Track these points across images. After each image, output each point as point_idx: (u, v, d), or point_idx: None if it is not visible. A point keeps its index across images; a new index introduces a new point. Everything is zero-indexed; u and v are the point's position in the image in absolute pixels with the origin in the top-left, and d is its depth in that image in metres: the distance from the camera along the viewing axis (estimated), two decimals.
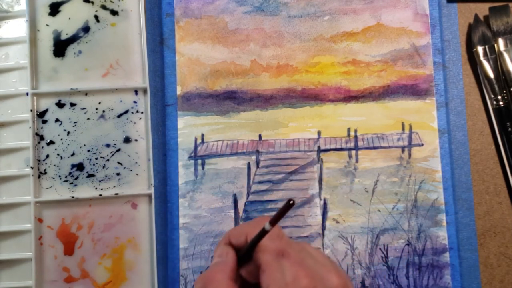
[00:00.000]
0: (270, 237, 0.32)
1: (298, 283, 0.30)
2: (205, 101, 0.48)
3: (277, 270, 0.31)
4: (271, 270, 0.31)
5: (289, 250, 0.32)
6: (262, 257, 0.32)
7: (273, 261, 0.31)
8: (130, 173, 0.47)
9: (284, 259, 0.31)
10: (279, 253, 0.31)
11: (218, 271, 0.32)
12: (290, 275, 0.30)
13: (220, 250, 0.34)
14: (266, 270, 0.31)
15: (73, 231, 0.46)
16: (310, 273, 0.30)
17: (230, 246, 0.34)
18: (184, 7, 0.49)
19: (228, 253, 0.34)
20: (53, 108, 0.47)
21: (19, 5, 0.48)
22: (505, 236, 0.47)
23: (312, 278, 0.30)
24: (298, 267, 0.31)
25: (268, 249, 0.32)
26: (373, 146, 0.48)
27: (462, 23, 0.49)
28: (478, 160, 0.48)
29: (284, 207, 0.30)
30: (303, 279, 0.30)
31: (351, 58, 0.49)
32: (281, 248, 0.32)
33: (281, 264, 0.31)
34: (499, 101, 0.47)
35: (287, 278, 0.30)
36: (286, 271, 0.31)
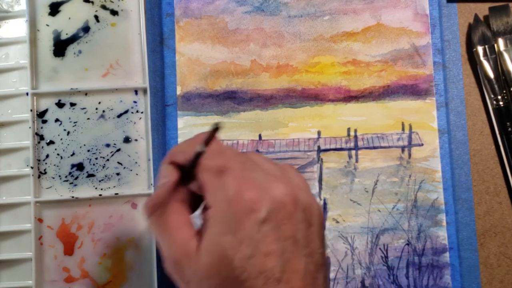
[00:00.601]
0: (209, 155, 0.30)
1: (241, 197, 0.28)
2: (205, 101, 0.48)
3: (218, 187, 0.29)
4: (212, 188, 0.30)
5: (231, 165, 0.30)
6: (202, 176, 0.30)
7: (213, 179, 0.30)
8: (130, 173, 0.47)
9: (225, 174, 0.30)
10: (219, 170, 0.30)
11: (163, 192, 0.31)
12: (232, 189, 0.29)
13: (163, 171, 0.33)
14: (207, 189, 0.30)
15: (73, 231, 0.46)
16: (253, 185, 0.29)
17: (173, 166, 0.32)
18: (184, 7, 0.49)
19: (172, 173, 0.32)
20: (53, 108, 0.47)
21: (19, 5, 0.48)
22: (505, 236, 0.47)
23: (255, 189, 0.29)
24: (241, 180, 0.29)
25: (207, 167, 0.30)
26: (373, 146, 0.48)
27: (462, 23, 0.49)
28: (478, 160, 0.48)
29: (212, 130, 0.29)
30: (246, 192, 0.29)
31: (351, 58, 0.49)
32: (221, 164, 0.30)
33: (223, 180, 0.29)
34: (499, 101, 0.47)
35: (229, 194, 0.29)
36: (228, 187, 0.29)
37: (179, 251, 0.30)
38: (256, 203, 0.28)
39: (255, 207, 0.28)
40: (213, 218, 0.29)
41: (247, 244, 0.28)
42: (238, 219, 0.28)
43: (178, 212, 0.31)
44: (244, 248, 0.28)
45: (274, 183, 0.30)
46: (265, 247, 0.28)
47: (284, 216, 0.29)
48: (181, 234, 0.30)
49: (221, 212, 0.29)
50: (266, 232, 0.28)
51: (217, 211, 0.29)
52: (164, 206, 0.31)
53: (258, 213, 0.28)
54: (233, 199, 0.29)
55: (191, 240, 0.30)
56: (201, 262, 0.29)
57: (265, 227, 0.28)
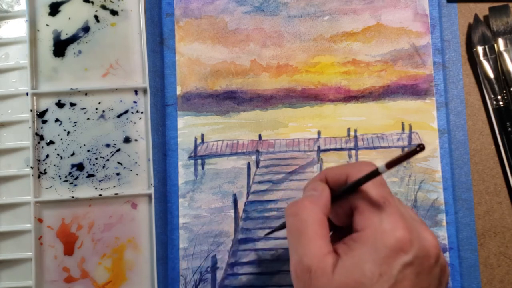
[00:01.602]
0: (373, 183, 0.31)
1: (395, 232, 0.29)
2: (205, 101, 0.48)
3: (376, 215, 0.30)
4: (370, 214, 0.30)
5: (391, 200, 0.31)
6: (363, 199, 0.31)
7: (373, 206, 0.30)
8: (130, 173, 0.47)
9: (385, 207, 0.30)
10: (380, 200, 0.30)
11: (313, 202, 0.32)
12: (388, 223, 0.29)
13: (314, 184, 0.33)
14: (364, 212, 0.30)
15: (73, 231, 0.46)
16: (408, 226, 0.30)
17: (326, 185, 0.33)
18: (184, 7, 0.49)
19: (324, 189, 0.33)
20: (53, 108, 0.47)
21: (19, 5, 0.48)
22: (505, 236, 0.47)
23: (409, 231, 0.29)
24: (398, 217, 0.30)
25: (369, 193, 0.31)
26: (373, 146, 0.48)
27: (462, 23, 0.49)
28: (478, 160, 0.48)
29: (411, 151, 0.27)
30: (401, 230, 0.29)
31: (351, 58, 0.49)
32: (385, 195, 0.31)
33: (381, 210, 0.30)
34: (499, 101, 0.47)
35: (385, 226, 0.29)
36: (385, 218, 0.30)
37: (315, 261, 0.30)
38: (407, 245, 0.29)
39: (405, 248, 0.29)
40: (361, 243, 0.30)
41: (386, 280, 0.28)
42: (386, 253, 0.29)
43: (321, 225, 0.31)
44: (383, 282, 0.28)
45: (425, 231, 0.31)
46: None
47: (426, 267, 0.30)
48: (320, 245, 0.30)
49: (372, 240, 0.29)
50: (406, 275, 0.29)
51: (367, 237, 0.30)
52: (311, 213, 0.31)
53: (406, 254, 0.29)
54: (387, 232, 0.29)
55: (328, 254, 0.30)
56: (336, 280, 0.29)
57: (407, 270, 0.29)
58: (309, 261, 0.30)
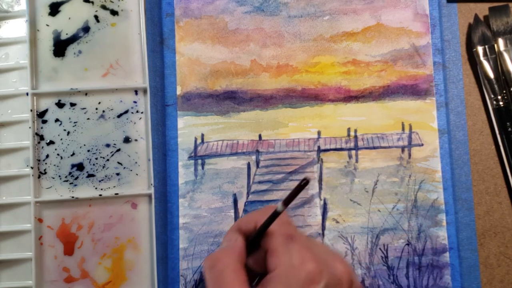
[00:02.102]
0: (279, 223, 0.32)
1: (305, 266, 0.30)
2: (205, 101, 0.48)
3: (285, 253, 0.31)
4: (279, 253, 0.31)
5: (297, 235, 0.32)
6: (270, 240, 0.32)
7: (281, 245, 0.32)
8: (130, 173, 0.47)
9: (292, 243, 0.32)
10: (287, 237, 0.32)
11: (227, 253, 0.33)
12: (297, 258, 0.31)
13: (229, 235, 0.35)
14: (274, 252, 0.32)
15: (73, 231, 0.46)
16: (317, 258, 0.31)
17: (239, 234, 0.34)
18: (184, 7, 0.49)
19: (237, 239, 0.34)
20: (53, 108, 0.47)
21: (19, 5, 0.48)
22: (505, 236, 0.47)
23: (319, 262, 0.31)
24: (306, 251, 0.31)
25: (276, 233, 0.32)
26: (373, 146, 0.48)
27: (462, 23, 0.49)
28: (478, 160, 0.48)
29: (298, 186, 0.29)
30: (310, 262, 0.30)
31: (351, 58, 0.49)
32: (290, 232, 0.32)
33: (289, 248, 0.31)
34: (499, 101, 0.47)
35: (294, 261, 0.31)
36: (293, 255, 0.31)
37: None
38: (317, 275, 0.30)
39: (315, 279, 0.30)
40: (274, 282, 0.31)
41: None
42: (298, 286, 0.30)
43: (238, 273, 0.32)
44: None
45: (335, 261, 0.32)
46: None
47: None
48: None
49: (284, 277, 0.30)
50: None
51: (279, 275, 0.31)
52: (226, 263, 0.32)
53: (317, 285, 0.30)
54: (296, 267, 0.30)
55: None
56: None
57: None
58: None
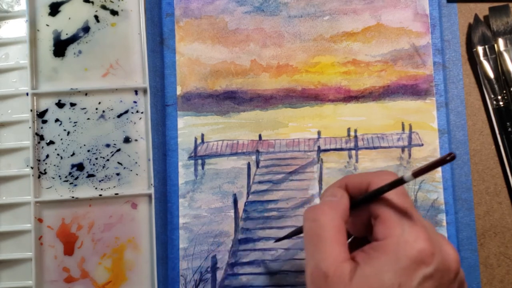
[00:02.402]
0: (396, 193, 0.30)
1: (418, 244, 0.29)
2: (205, 101, 0.48)
3: (398, 225, 0.29)
4: (392, 223, 0.30)
5: (413, 211, 0.30)
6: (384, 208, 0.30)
7: (396, 215, 0.30)
8: (130, 173, 0.47)
9: (408, 217, 0.30)
10: (403, 210, 0.30)
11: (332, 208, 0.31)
12: (411, 234, 0.29)
13: (332, 190, 0.33)
14: (386, 221, 0.30)
15: (73, 231, 0.46)
16: (431, 238, 0.29)
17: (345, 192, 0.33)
18: (184, 7, 0.49)
19: (343, 196, 0.32)
20: (53, 108, 0.47)
21: (19, 5, 0.48)
22: (505, 236, 0.47)
23: (432, 243, 0.29)
24: (421, 229, 0.29)
25: (393, 202, 0.30)
26: (373, 146, 0.48)
27: (462, 23, 0.49)
28: (478, 160, 0.48)
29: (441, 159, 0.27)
30: (424, 241, 0.29)
31: (351, 58, 0.49)
32: (408, 206, 0.30)
33: (403, 221, 0.30)
34: (499, 101, 0.47)
35: (407, 236, 0.29)
36: (407, 229, 0.29)
37: (333, 267, 0.29)
38: (429, 257, 0.29)
39: (427, 260, 0.29)
40: (382, 251, 0.29)
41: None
42: (407, 264, 0.28)
43: (340, 232, 0.31)
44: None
45: (447, 245, 0.30)
46: None
47: (445, 281, 0.30)
48: (338, 251, 0.30)
49: (393, 249, 0.29)
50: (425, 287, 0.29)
51: (388, 246, 0.29)
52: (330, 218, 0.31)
53: (427, 267, 0.29)
54: (409, 243, 0.29)
55: (346, 261, 0.30)
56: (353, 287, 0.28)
57: (427, 283, 0.29)
58: (326, 267, 0.29)
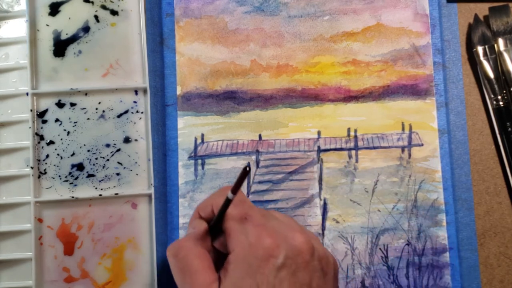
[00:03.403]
0: (233, 204, 0.33)
1: (262, 242, 0.31)
2: (205, 101, 0.48)
3: (241, 233, 0.32)
4: (235, 234, 0.32)
5: (252, 213, 0.33)
6: (227, 223, 0.33)
7: (237, 226, 0.32)
8: (130, 173, 0.47)
9: (247, 222, 0.32)
10: (242, 217, 0.32)
11: (189, 239, 0.34)
12: (253, 236, 0.31)
13: (192, 223, 0.36)
14: (230, 234, 0.32)
15: (73, 231, 0.46)
16: (273, 233, 0.31)
17: (201, 220, 0.35)
18: (184, 7, 0.49)
19: (200, 224, 0.35)
20: (53, 108, 0.47)
21: (19, 5, 0.48)
22: (505, 236, 0.47)
23: (275, 237, 0.31)
24: (261, 228, 0.32)
25: (231, 215, 0.33)
26: (373, 146, 0.48)
27: (462, 23, 0.49)
28: (478, 160, 0.48)
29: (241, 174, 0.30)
30: (266, 238, 0.31)
31: (351, 58, 0.49)
32: (244, 212, 0.33)
33: (245, 227, 0.32)
34: (499, 101, 0.47)
35: (251, 239, 0.31)
36: (249, 233, 0.31)
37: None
38: (275, 250, 0.30)
39: (274, 254, 0.30)
40: (234, 262, 0.31)
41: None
42: (258, 264, 0.30)
43: (201, 258, 0.33)
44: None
45: (292, 232, 0.32)
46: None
47: (301, 264, 0.31)
48: (203, 277, 0.32)
49: (242, 256, 0.31)
50: (282, 278, 0.30)
51: (238, 255, 0.31)
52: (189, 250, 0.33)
53: (276, 259, 0.30)
54: (254, 245, 0.31)
55: (213, 283, 0.32)
56: None
57: (282, 273, 0.30)
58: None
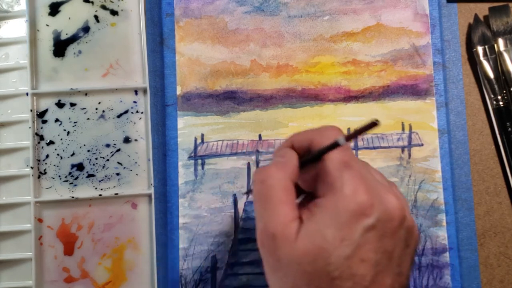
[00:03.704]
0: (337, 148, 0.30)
1: (357, 197, 0.29)
2: (205, 101, 0.48)
3: (337, 180, 0.29)
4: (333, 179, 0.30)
5: (354, 163, 0.30)
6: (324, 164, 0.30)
7: (335, 171, 0.30)
8: (130, 173, 0.47)
9: (347, 170, 0.30)
10: (342, 163, 0.30)
11: (280, 169, 0.31)
12: (350, 187, 0.29)
13: (282, 151, 0.33)
14: (326, 178, 0.30)
15: (73, 231, 0.46)
16: (369, 189, 0.29)
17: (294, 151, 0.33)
18: (184, 7, 0.49)
19: (291, 156, 0.32)
20: (53, 108, 0.47)
21: (19, 5, 0.48)
22: (505, 236, 0.47)
23: (371, 194, 0.29)
24: (359, 181, 0.29)
25: (332, 157, 0.30)
26: (373, 146, 0.48)
27: (462, 23, 0.49)
28: (478, 160, 0.48)
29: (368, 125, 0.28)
30: (362, 194, 0.29)
31: (351, 58, 0.49)
32: (346, 159, 0.30)
33: (343, 175, 0.30)
34: (499, 101, 0.47)
35: (346, 190, 0.29)
36: (346, 183, 0.29)
37: (280, 227, 0.29)
38: (369, 208, 0.29)
39: (367, 212, 0.28)
40: (323, 208, 0.29)
41: (348, 244, 0.28)
42: (347, 218, 0.28)
43: (288, 192, 0.31)
44: (344, 247, 0.28)
45: (388, 194, 0.30)
46: (363, 253, 0.28)
47: (389, 230, 0.29)
48: (285, 212, 0.30)
49: (333, 204, 0.29)
50: (368, 239, 0.28)
51: (329, 202, 0.29)
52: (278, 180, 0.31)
53: (368, 218, 0.28)
54: (348, 197, 0.29)
55: (293, 221, 0.30)
56: (299, 246, 0.28)
57: (370, 234, 0.28)
58: (274, 228, 0.29)
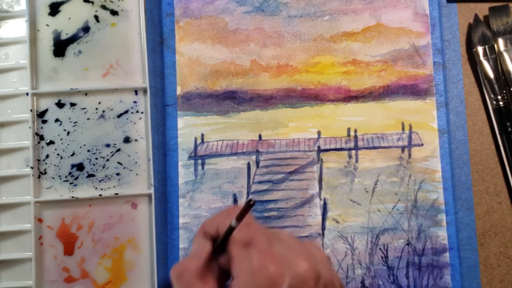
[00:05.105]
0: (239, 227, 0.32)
1: (265, 270, 0.30)
2: (205, 101, 0.48)
3: (245, 259, 0.31)
4: (239, 260, 0.32)
5: (257, 238, 0.32)
6: (230, 248, 0.32)
7: (240, 251, 0.32)
8: (130, 173, 0.47)
9: (252, 247, 0.32)
10: (246, 243, 0.32)
11: (193, 261, 0.33)
12: (256, 262, 0.31)
13: (196, 242, 0.35)
14: (234, 260, 0.32)
15: (73, 231, 0.46)
16: (277, 260, 0.31)
17: (206, 238, 0.35)
18: (184, 7, 0.49)
19: (204, 244, 0.34)
20: (53, 108, 0.47)
21: (19, 5, 0.48)
22: (505, 236, 0.47)
23: (279, 264, 0.30)
24: (265, 254, 0.31)
25: (235, 239, 0.32)
26: (373, 146, 0.48)
27: (462, 23, 0.49)
28: (478, 160, 0.48)
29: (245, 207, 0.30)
30: (270, 266, 0.30)
31: (351, 58, 0.49)
32: (248, 237, 0.32)
33: (249, 253, 0.31)
34: (499, 101, 0.47)
35: (254, 267, 0.30)
36: (253, 260, 0.31)
37: None
38: (279, 278, 0.30)
39: (278, 281, 0.30)
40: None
41: None
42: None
43: (205, 281, 0.33)
44: None
45: (297, 258, 0.31)
46: None
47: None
48: None
49: (245, 283, 0.30)
50: None
51: (241, 282, 0.31)
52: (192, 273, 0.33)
53: (281, 287, 0.30)
54: (257, 272, 0.30)
55: None
56: None
57: None
58: None
